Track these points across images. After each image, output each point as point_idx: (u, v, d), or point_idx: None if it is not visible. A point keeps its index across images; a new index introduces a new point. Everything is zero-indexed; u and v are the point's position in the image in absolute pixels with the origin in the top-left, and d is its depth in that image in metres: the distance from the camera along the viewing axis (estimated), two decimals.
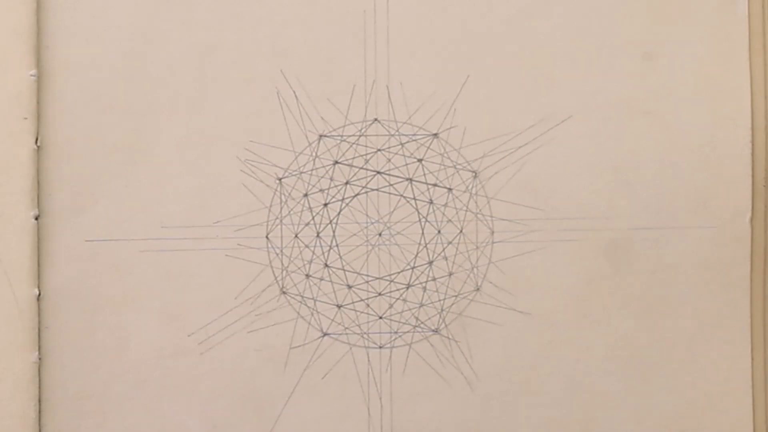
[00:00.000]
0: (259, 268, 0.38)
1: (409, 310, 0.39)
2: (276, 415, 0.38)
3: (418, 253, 0.39)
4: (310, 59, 0.39)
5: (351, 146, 0.39)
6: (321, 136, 0.39)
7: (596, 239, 0.39)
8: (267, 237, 0.39)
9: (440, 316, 0.39)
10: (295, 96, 0.39)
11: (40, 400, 0.38)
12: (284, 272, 0.39)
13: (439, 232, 0.39)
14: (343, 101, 0.39)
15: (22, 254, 0.37)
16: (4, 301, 0.37)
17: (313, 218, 0.39)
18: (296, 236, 0.39)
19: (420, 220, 0.39)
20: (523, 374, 0.39)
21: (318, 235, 0.39)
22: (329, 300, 0.39)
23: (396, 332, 0.39)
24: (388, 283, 0.39)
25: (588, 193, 0.39)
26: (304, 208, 0.39)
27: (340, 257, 0.39)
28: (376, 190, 0.39)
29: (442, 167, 0.39)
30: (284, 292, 0.39)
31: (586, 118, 0.39)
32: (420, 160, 0.39)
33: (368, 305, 0.39)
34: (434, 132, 0.39)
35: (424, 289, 0.39)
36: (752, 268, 0.40)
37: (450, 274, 0.39)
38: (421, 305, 0.39)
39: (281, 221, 0.39)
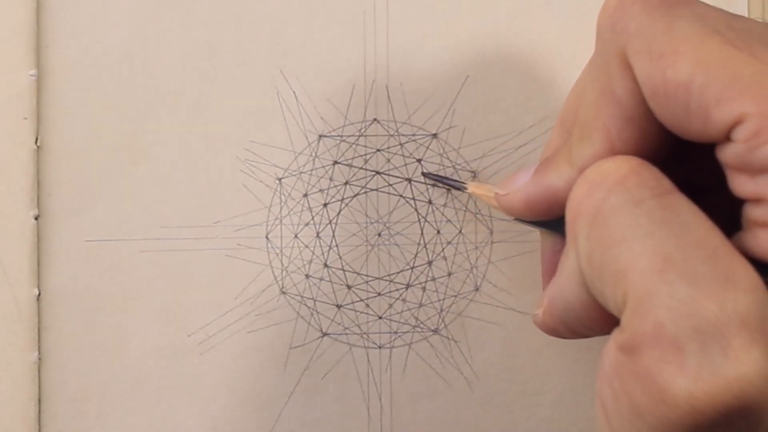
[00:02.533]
0: (259, 268, 0.38)
1: (409, 310, 0.39)
2: (276, 415, 0.38)
3: (417, 253, 0.39)
4: (310, 59, 0.39)
5: (350, 146, 0.39)
6: (320, 136, 0.39)
7: None
8: (267, 237, 0.39)
9: (440, 316, 0.39)
10: (295, 96, 0.39)
11: (40, 400, 0.38)
12: (284, 272, 0.39)
13: (438, 232, 0.39)
14: (342, 101, 0.39)
15: (21, 254, 0.37)
16: (3, 301, 0.37)
17: (312, 218, 0.39)
18: (296, 236, 0.39)
19: (419, 220, 0.39)
20: (523, 374, 0.39)
21: (318, 236, 0.39)
22: (329, 300, 0.39)
23: (396, 332, 0.39)
24: (388, 283, 0.39)
25: None
26: (304, 208, 0.39)
27: (340, 257, 0.39)
28: (376, 190, 0.39)
29: (442, 167, 0.39)
30: (284, 293, 0.39)
31: None
32: (419, 160, 0.39)
33: (368, 305, 0.39)
34: (433, 132, 0.39)
35: (424, 289, 0.39)
36: None
37: (449, 274, 0.39)
38: (421, 305, 0.39)
39: (281, 221, 0.39)
